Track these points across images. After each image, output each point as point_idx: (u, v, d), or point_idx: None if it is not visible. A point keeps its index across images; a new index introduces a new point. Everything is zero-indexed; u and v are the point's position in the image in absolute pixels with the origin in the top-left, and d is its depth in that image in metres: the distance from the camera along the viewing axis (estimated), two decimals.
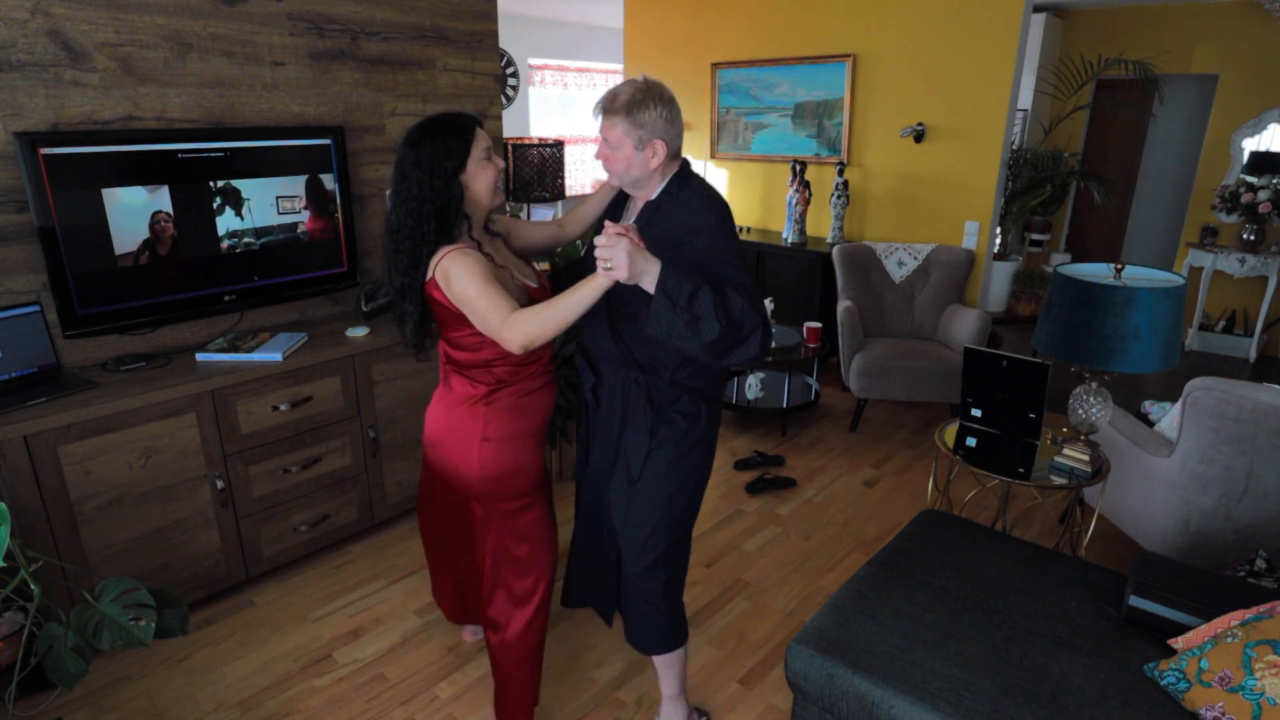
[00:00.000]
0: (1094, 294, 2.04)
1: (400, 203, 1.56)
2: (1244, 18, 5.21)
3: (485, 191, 1.63)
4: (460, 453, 1.71)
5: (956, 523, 2.11)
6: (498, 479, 1.72)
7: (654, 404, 1.71)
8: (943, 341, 3.96)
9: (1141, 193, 6.52)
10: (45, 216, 2.10)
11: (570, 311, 1.47)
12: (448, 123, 1.59)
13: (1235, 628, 1.49)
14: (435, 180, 1.55)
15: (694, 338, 1.43)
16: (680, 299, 1.41)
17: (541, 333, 1.48)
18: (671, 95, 1.62)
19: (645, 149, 1.60)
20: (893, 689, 1.52)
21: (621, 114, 1.57)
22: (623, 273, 1.38)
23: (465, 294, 1.53)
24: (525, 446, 1.75)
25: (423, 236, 1.56)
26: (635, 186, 1.68)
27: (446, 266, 1.54)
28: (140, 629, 1.55)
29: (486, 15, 3.23)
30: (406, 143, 1.57)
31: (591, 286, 1.44)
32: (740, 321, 1.44)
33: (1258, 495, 2.27)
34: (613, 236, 1.38)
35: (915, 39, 4.15)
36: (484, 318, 1.52)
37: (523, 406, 1.73)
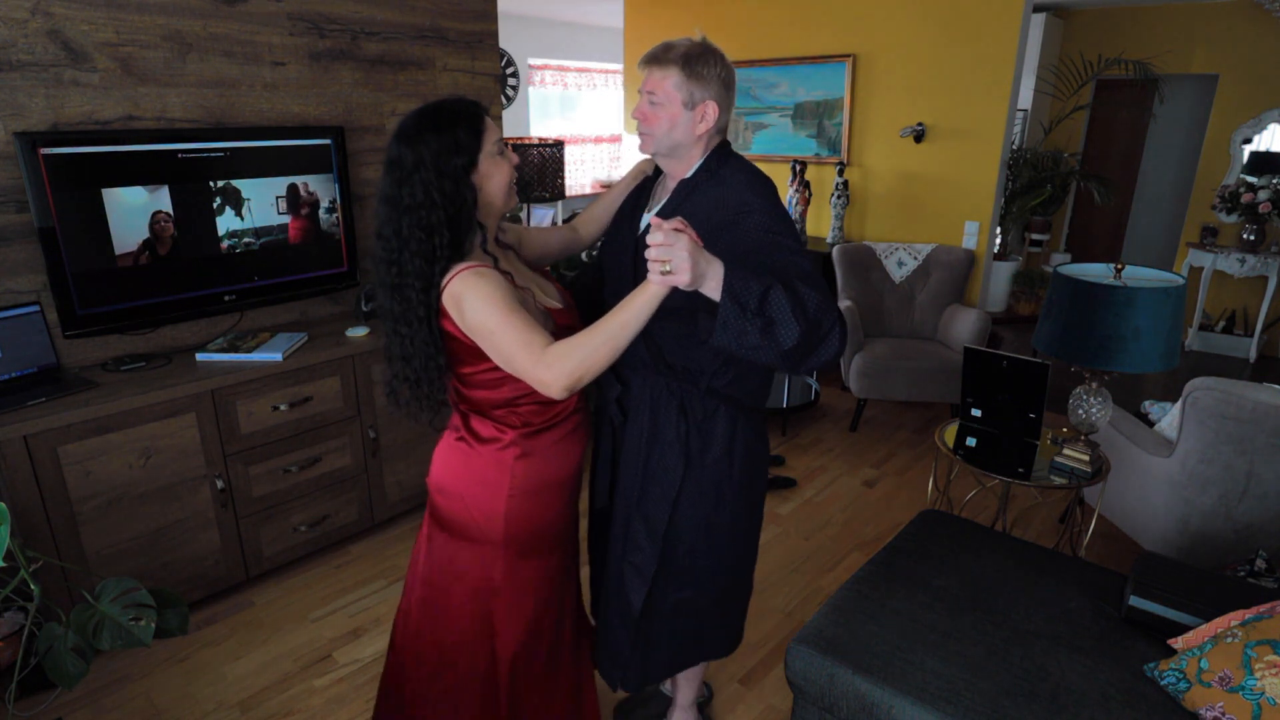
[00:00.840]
0: (1094, 294, 2.04)
1: (401, 212, 1.28)
2: (1244, 18, 5.21)
3: (500, 192, 1.37)
4: (483, 508, 1.44)
5: (956, 523, 2.11)
6: (527, 537, 1.47)
7: (689, 417, 1.49)
8: (943, 341, 3.96)
9: (1141, 193, 6.52)
10: (45, 216, 2.10)
11: (621, 336, 1.21)
12: (452, 111, 1.31)
13: (1235, 628, 1.49)
14: (444, 181, 1.28)
15: (769, 346, 1.20)
16: (750, 303, 1.19)
17: (589, 369, 1.21)
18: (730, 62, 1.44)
19: (696, 109, 1.40)
20: (893, 689, 1.52)
21: (677, 64, 1.38)
22: (684, 277, 1.14)
23: (484, 324, 1.26)
24: (558, 497, 1.50)
25: (434, 252, 1.27)
26: (671, 155, 1.47)
27: (458, 291, 1.27)
28: (140, 629, 1.55)
29: (486, 15, 3.23)
30: (402, 139, 1.29)
31: (644, 299, 1.19)
32: (818, 318, 1.22)
33: (1258, 495, 2.27)
34: (669, 233, 1.14)
35: (915, 39, 4.15)
36: (510, 355, 1.25)
37: (556, 452, 1.46)
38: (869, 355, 3.72)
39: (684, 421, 1.49)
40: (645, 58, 1.43)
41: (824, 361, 1.27)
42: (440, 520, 1.50)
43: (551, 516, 1.50)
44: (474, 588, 1.50)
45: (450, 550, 1.50)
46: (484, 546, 1.46)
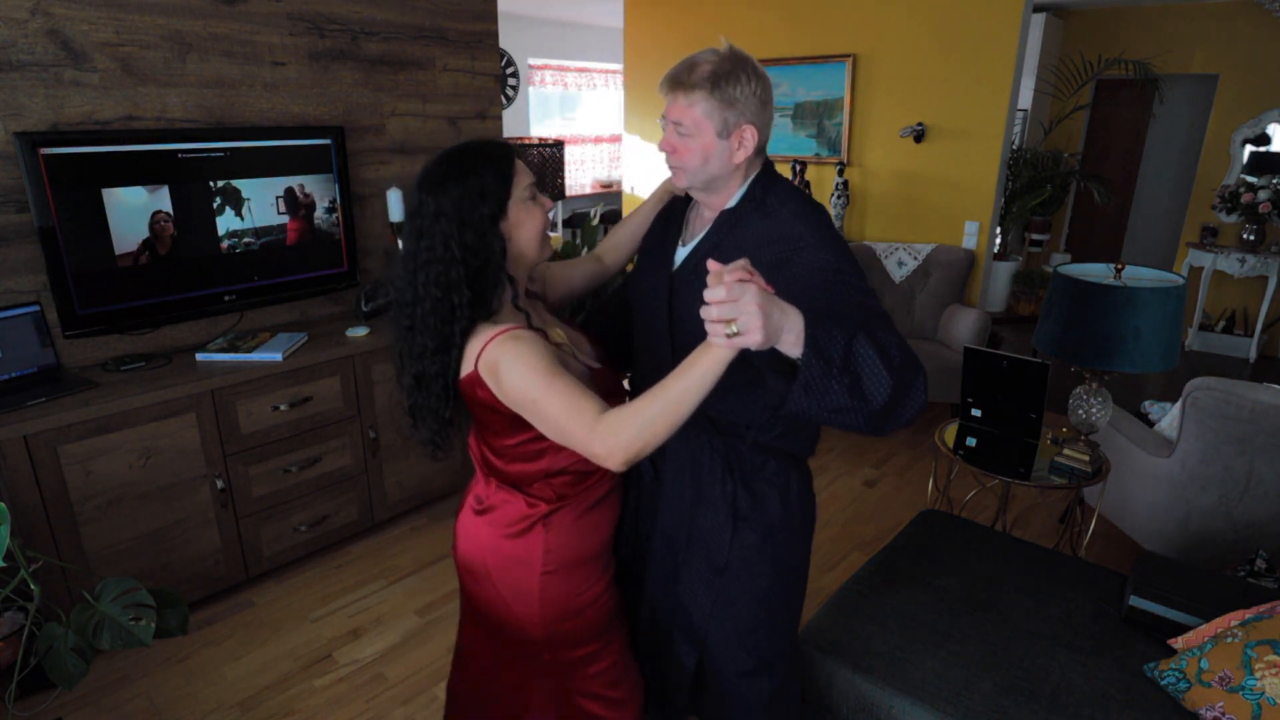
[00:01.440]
0: (1094, 294, 2.04)
1: (418, 266, 1.16)
2: (1244, 18, 5.21)
3: (532, 242, 1.23)
4: (514, 589, 1.29)
5: (956, 523, 2.11)
6: (564, 619, 1.31)
7: (735, 474, 1.33)
8: (943, 341, 3.96)
9: (1141, 193, 6.52)
10: (45, 216, 2.10)
11: (684, 404, 1.03)
12: (478, 154, 1.19)
13: (1235, 628, 1.49)
14: (467, 233, 1.15)
15: (858, 407, 1.00)
16: (836, 356, 0.98)
17: (649, 441, 1.06)
18: (764, 71, 1.25)
19: (731, 136, 1.23)
20: (893, 689, 1.52)
21: (704, 88, 1.20)
22: (756, 336, 0.91)
23: (527, 395, 1.12)
24: (594, 570, 1.34)
25: (452, 311, 1.15)
26: (708, 189, 1.30)
27: (494, 359, 1.14)
28: (140, 629, 1.55)
29: (486, 15, 3.23)
30: (425, 187, 1.17)
31: (708, 364, 1.00)
32: (903, 367, 1.03)
33: (1258, 495, 2.27)
34: (734, 285, 0.91)
35: (915, 39, 4.15)
36: (560, 425, 1.11)
37: (589, 522, 1.32)
38: None
39: (730, 480, 1.33)
40: (667, 81, 1.24)
41: (906, 421, 1.07)
42: (473, 604, 1.37)
43: (594, 592, 1.34)
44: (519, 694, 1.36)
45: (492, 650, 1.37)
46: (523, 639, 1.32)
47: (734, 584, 1.35)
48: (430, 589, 2.56)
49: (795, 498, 1.37)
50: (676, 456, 1.37)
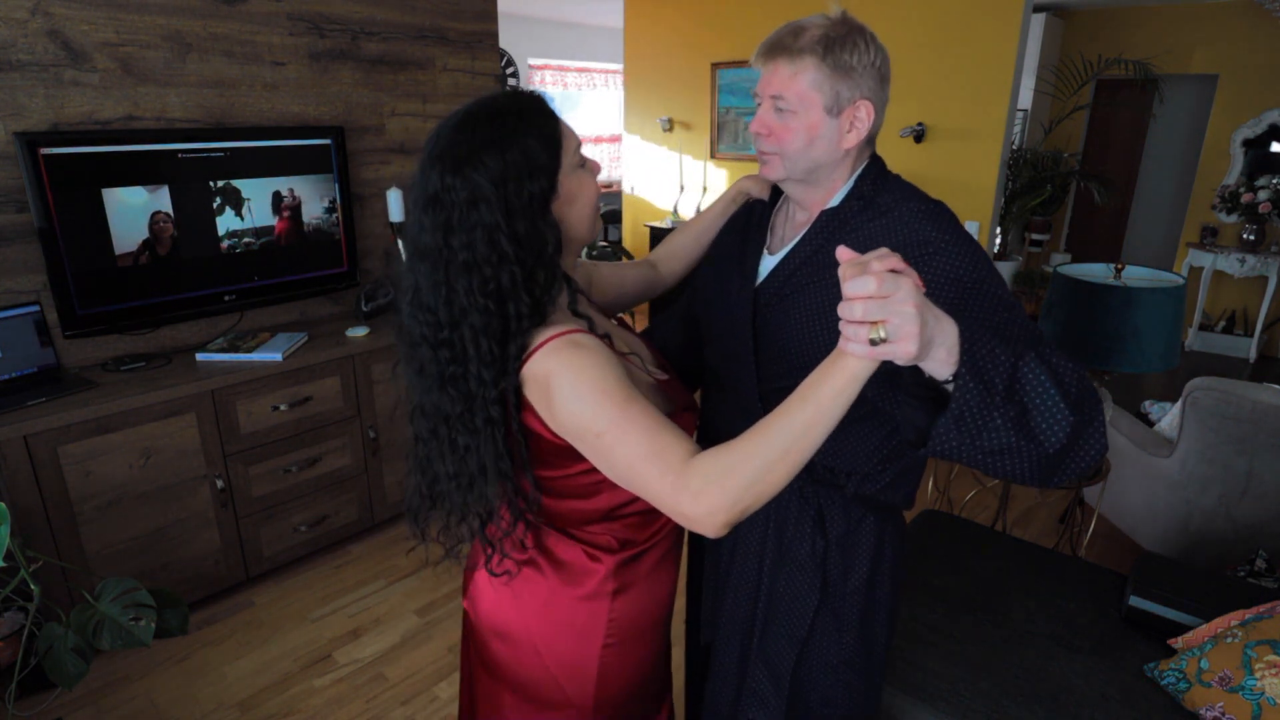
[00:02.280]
0: (1094, 294, 2.04)
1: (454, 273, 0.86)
2: (1244, 18, 5.21)
3: (585, 220, 0.96)
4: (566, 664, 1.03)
5: (956, 523, 2.11)
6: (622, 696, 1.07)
7: (827, 531, 1.10)
8: None
9: (1141, 193, 6.52)
10: (45, 216, 2.10)
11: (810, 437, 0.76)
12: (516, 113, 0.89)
13: (1235, 628, 1.49)
14: (517, 222, 0.86)
15: (1027, 449, 0.77)
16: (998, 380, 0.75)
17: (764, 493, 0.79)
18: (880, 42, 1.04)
19: (843, 115, 1.01)
20: (892, 689, 1.52)
21: (814, 54, 0.98)
22: (910, 345, 0.68)
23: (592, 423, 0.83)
24: (657, 635, 1.11)
25: (507, 326, 0.86)
26: (808, 181, 1.07)
27: (545, 371, 0.86)
28: (140, 629, 1.55)
29: (486, 15, 3.23)
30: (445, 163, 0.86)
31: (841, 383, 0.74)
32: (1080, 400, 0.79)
33: (1258, 495, 2.27)
34: (886, 277, 0.67)
35: (915, 39, 4.15)
36: (631, 469, 0.82)
37: (657, 579, 1.06)
38: None
39: (822, 537, 1.10)
40: (766, 47, 1.02)
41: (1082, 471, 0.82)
42: (500, 675, 1.08)
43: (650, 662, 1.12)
44: None
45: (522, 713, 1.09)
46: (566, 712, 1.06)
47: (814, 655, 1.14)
48: (430, 589, 2.56)
49: (890, 558, 1.14)
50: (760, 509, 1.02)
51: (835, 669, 1.15)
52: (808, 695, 1.17)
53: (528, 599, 1.02)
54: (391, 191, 2.84)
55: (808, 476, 1.10)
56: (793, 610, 1.13)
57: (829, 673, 1.15)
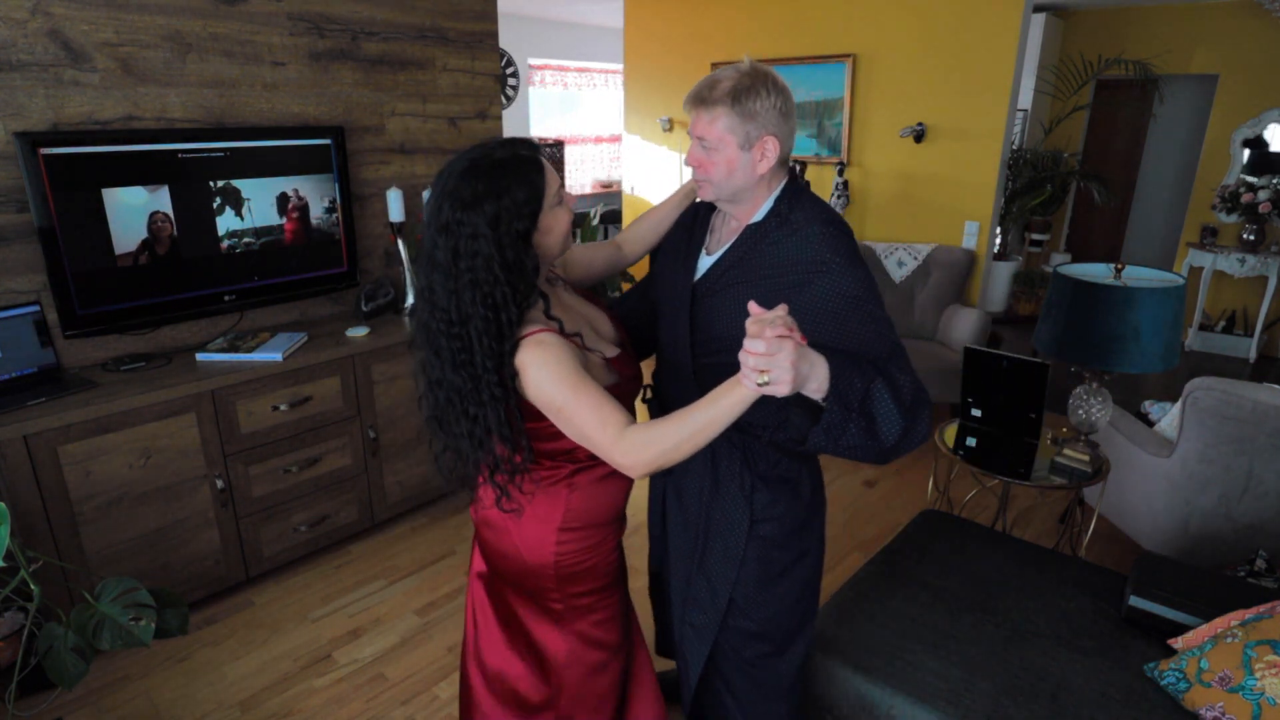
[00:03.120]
0: (1094, 294, 2.04)
1: (462, 286, 1.15)
2: (1244, 18, 5.21)
3: (558, 244, 1.25)
4: (532, 541, 1.36)
5: (956, 523, 2.11)
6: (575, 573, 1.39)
7: (752, 469, 1.40)
8: (943, 341, 3.96)
9: (1141, 193, 6.52)
10: (45, 216, 2.10)
11: (707, 432, 1.10)
12: (510, 169, 1.17)
13: (1235, 628, 1.49)
14: (506, 253, 1.15)
15: (870, 445, 1.12)
16: (854, 401, 1.08)
17: (669, 461, 1.13)
18: (784, 84, 1.29)
19: (754, 149, 1.28)
20: (893, 689, 1.52)
21: (725, 104, 1.25)
22: (784, 390, 0.99)
23: (553, 400, 1.17)
24: (607, 535, 1.41)
25: (502, 329, 1.16)
26: (734, 201, 1.34)
27: (522, 363, 1.18)
28: (140, 629, 1.55)
29: (486, 15, 3.23)
30: (455, 201, 1.15)
31: (734, 401, 1.06)
32: (914, 407, 1.14)
33: (1258, 495, 2.27)
34: (774, 341, 0.96)
35: (915, 39, 4.15)
36: (583, 432, 1.17)
37: (606, 487, 1.37)
38: None
39: (749, 473, 1.40)
40: (691, 98, 1.31)
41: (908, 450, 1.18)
42: (489, 555, 1.43)
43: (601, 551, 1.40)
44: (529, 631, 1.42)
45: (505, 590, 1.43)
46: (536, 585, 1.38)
47: (749, 573, 1.42)
48: (430, 589, 2.56)
49: (807, 493, 1.44)
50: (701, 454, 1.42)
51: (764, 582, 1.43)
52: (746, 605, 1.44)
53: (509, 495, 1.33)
54: (391, 191, 2.84)
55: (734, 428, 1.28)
56: (728, 534, 1.42)
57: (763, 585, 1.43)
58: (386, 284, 2.93)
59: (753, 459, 1.40)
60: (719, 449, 1.41)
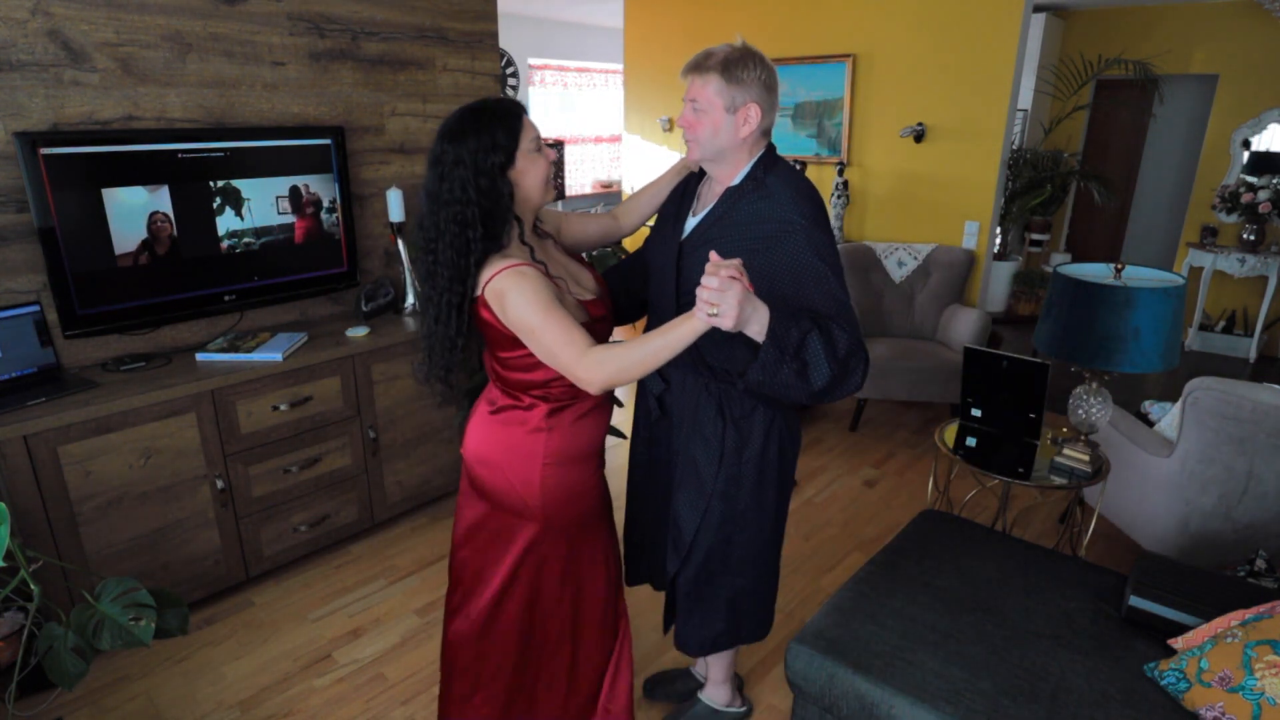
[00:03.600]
0: (1094, 294, 2.04)
1: (440, 205, 1.36)
2: (1244, 18, 5.21)
3: (536, 187, 1.44)
4: (520, 476, 1.52)
5: (956, 523, 2.11)
6: (561, 503, 1.55)
7: (725, 415, 1.57)
8: (943, 341, 3.96)
9: (1141, 193, 6.52)
10: (45, 216, 2.10)
11: (660, 356, 1.29)
12: (491, 111, 1.39)
13: (1235, 628, 1.49)
14: (481, 179, 1.35)
15: (800, 386, 1.32)
16: (789, 347, 1.29)
17: (625, 378, 1.31)
18: (771, 63, 1.48)
19: (738, 113, 1.44)
20: (893, 689, 1.52)
21: (716, 71, 1.43)
22: (729, 322, 1.20)
23: (525, 322, 1.34)
24: (587, 469, 1.59)
25: (468, 245, 1.35)
26: (717, 161, 1.52)
27: (500, 287, 1.35)
28: (140, 629, 1.55)
29: (486, 15, 3.23)
30: (445, 137, 1.37)
31: (686, 330, 1.25)
32: (847, 360, 1.33)
33: (1258, 495, 2.27)
34: (725, 280, 1.18)
35: (915, 39, 4.15)
36: (552, 352, 1.34)
37: (581, 428, 1.55)
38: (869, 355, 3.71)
39: (721, 419, 1.58)
40: (687, 66, 1.48)
41: (844, 396, 1.38)
42: (482, 490, 1.58)
43: (583, 486, 1.58)
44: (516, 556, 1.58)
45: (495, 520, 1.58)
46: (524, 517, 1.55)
47: (718, 507, 1.62)
48: (430, 589, 2.56)
49: (777, 438, 1.61)
50: (680, 397, 1.63)
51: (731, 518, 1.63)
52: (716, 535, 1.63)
53: (494, 435, 1.54)
54: (391, 191, 2.84)
55: (712, 376, 1.56)
56: (703, 472, 1.60)
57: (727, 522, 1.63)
58: (386, 284, 2.93)
59: (727, 405, 1.58)
60: (699, 396, 1.60)
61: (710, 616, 1.73)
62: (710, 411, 1.58)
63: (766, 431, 1.59)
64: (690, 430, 1.62)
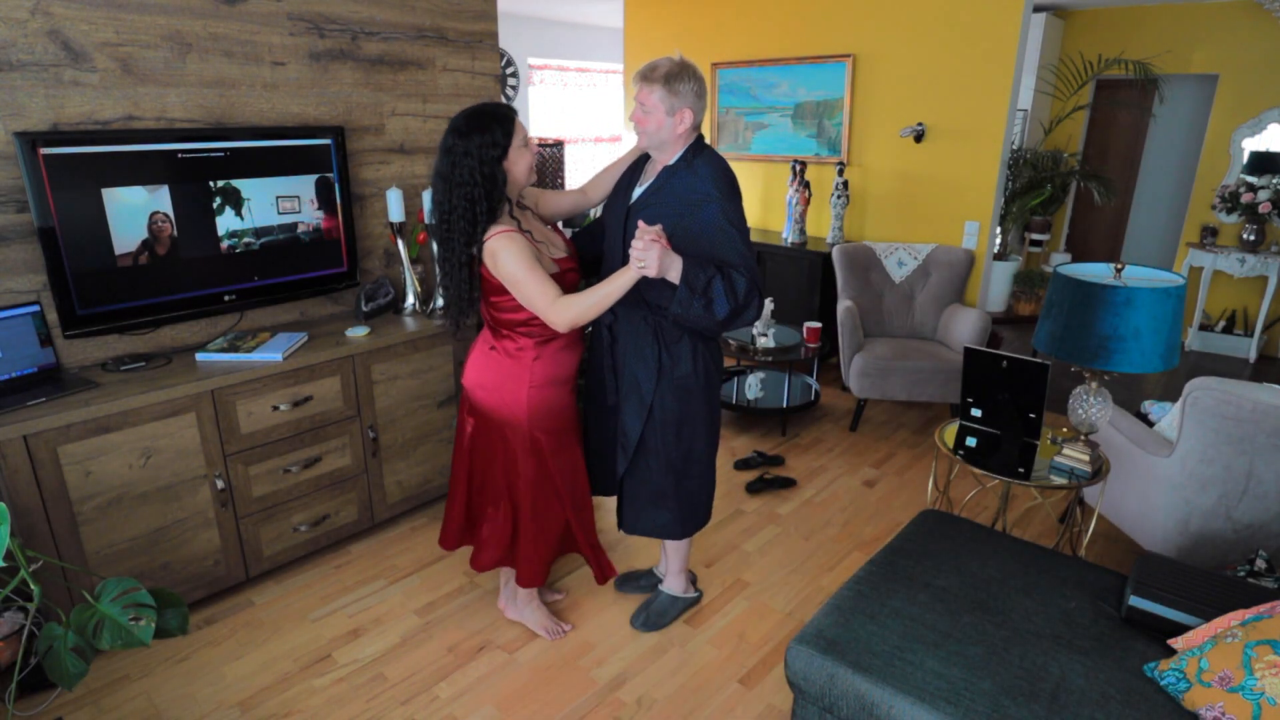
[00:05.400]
0: (1094, 294, 2.04)
1: (453, 186, 1.81)
2: (1244, 18, 5.21)
3: (523, 174, 1.91)
4: (510, 396, 2.01)
5: (956, 523, 2.11)
6: (544, 416, 2.03)
7: (659, 340, 2.03)
8: (943, 341, 3.96)
9: (1141, 193, 6.52)
10: (45, 216, 2.10)
11: (608, 300, 1.81)
12: (491, 114, 1.84)
13: (1235, 628, 1.49)
14: (485, 167, 1.80)
15: (708, 317, 1.83)
16: (698, 287, 1.79)
17: (584, 318, 1.82)
18: (702, 74, 1.92)
19: (675, 115, 1.88)
20: (893, 689, 1.52)
21: (660, 82, 1.86)
22: (652, 271, 1.74)
23: (513, 275, 1.81)
24: (563, 391, 2.08)
25: (476, 216, 1.81)
26: (659, 149, 1.97)
27: (494, 248, 1.82)
28: (140, 629, 1.55)
29: (486, 15, 3.23)
30: (456, 133, 1.81)
31: (625, 279, 1.78)
32: (743, 300, 1.84)
33: (1258, 495, 2.27)
34: (648, 242, 1.72)
35: (915, 39, 4.15)
36: (530, 299, 1.82)
37: (560, 358, 2.04)
38: (869, 355, 3.72)
39: (657, 344, 2.03)
40: (636, 75, 1.90)
41: (744, 325, 1.90)
42: (478, 410, 2.08)
43: (558, 404, 2.07)
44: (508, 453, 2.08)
45: (488, 427, 2.08)
46: (513, 426, 2.03)
47: (656, 414, 2.09)
48: (430, 589, 2.56)
49: (703, 359, 2.07)
50: (626, 327, 2.05)
51: (668, 425, 2.09)
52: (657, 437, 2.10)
53: (489, 364, 2.04)
54: (391, 191, 2.84)
55: (649, 310, 2.01)
56: (643, 386, 2.06)
57: (665, 428, 2.09)
58: (386, 284, 2.92)
59: (662, 332, 2.02)
60: (640, 326, 2.03)
61: (657, 506, 2.17)
62: (648, 337, 2.03)
63: (693, 354, 2.05)
64: (633, 353, 2.05)
